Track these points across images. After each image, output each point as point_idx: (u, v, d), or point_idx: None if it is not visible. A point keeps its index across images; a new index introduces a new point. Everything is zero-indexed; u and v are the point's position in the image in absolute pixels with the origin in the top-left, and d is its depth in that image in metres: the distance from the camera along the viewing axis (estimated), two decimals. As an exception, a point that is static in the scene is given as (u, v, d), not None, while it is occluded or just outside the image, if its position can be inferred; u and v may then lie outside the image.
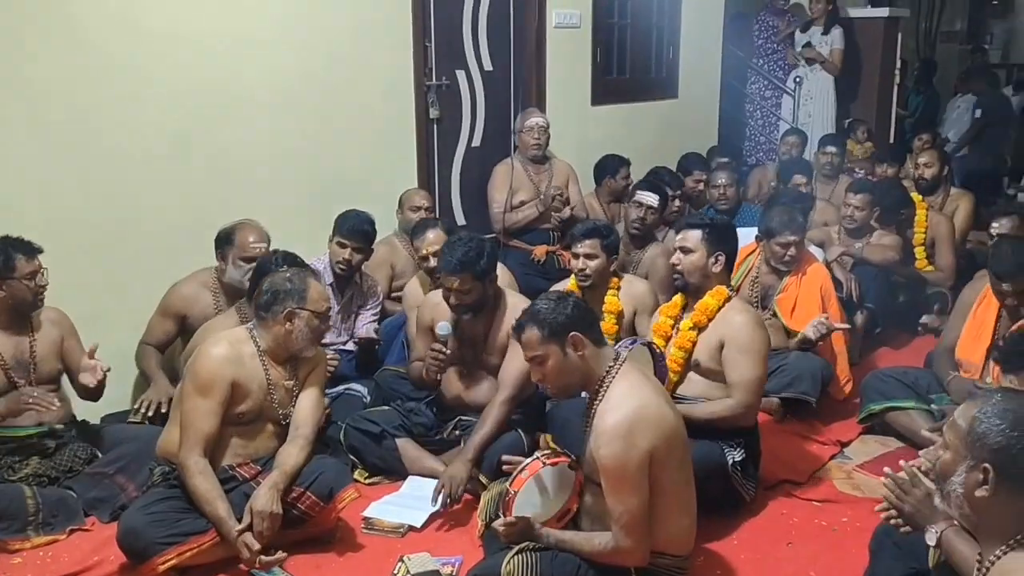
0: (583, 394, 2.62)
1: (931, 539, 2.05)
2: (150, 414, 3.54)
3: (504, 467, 2.77)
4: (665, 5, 6.68)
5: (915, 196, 5.41)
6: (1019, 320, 3.48)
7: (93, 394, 3.33)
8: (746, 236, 4.94)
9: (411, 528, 3.15)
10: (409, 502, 3.27)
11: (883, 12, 7.70)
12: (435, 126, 5.28)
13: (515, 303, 3.46)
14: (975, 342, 3.62)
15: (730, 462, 3.15)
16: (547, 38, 5.73)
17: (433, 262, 3.88)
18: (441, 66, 5.24)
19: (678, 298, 3.42)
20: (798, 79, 7.53)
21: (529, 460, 2.65)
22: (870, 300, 4.82)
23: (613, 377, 2.53)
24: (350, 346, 4.14)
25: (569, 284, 3.94)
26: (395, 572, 2.84)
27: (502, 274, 4.13)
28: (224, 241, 3.79)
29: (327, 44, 4.56)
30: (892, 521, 2.18)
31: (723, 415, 3.15)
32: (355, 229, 4.07)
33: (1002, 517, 1.79)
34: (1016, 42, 14.89)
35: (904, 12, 8.21)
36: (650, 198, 4.68)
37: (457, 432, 3.50)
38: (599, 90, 6.17)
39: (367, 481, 3.46)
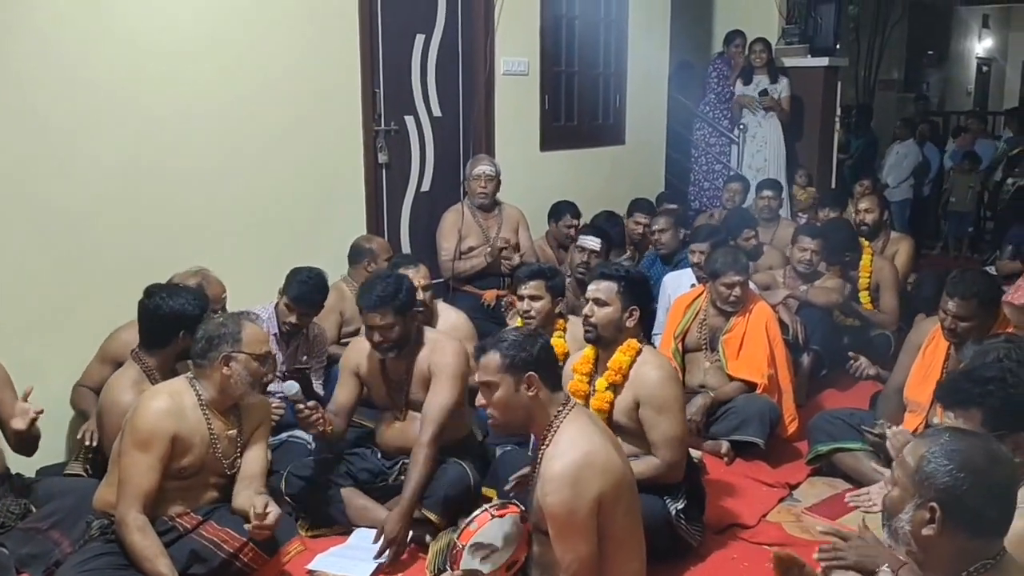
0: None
1: (886, 579, 2.06)
2: (94, 444, 3.40)
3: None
4: (612, 54, 6.80)
5: (862, 241, 5.50)
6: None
7: (26, 446, 3.22)
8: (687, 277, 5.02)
9: (357, 581, 3.08)
10: (356, 554, 3.19)
11: (823, 62, 7.90)
12: (384, 171, 5.29)
13: (434, 337, 3.50)
14: (923, 382, 3.65)
15: (673, 512, 3.10)
16: (496, 85, 5.78)
17: (426, 295, 3.95)
18: (390, 111, 5.26)
19: (589, 352, 3.27)
20: (743, 126, 7.68)
21: (477, 512, 2.62)
22: (816, 342, 4.88)
23: (561, 422, 2.51)
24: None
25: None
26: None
27: (457, 318, 4.14)
28: None
29: (275, 89, 4.55)
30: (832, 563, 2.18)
31: (650, 475, 3.04)
32: (302, 297, 3.97)
33: (948, 555, 1.80)
34: (951, 91, 15.42)
35: (843, 61, 8.43)
36: (592, 242, 4.76)
37: (403, 477, 3.44)
38: (548, 136, 6.23)
39: (309, 534, 3.37)
